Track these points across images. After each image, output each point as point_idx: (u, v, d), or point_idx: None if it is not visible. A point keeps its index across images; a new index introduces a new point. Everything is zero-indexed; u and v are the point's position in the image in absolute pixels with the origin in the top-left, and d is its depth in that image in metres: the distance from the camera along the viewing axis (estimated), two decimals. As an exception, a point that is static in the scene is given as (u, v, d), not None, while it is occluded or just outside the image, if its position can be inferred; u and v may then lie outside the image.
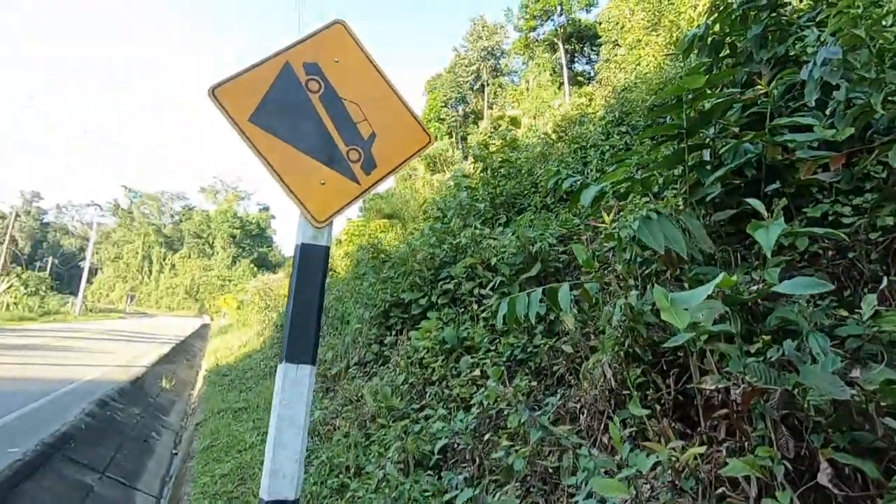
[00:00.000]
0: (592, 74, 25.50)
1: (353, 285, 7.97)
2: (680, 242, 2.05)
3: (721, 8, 3.16)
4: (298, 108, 1.86)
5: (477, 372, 3.65)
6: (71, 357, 11.46)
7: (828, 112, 2.38)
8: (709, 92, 2.44)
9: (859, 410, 1.34)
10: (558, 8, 25.45)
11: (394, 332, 5.45)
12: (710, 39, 3.26)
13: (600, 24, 21.00)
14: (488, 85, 32.95)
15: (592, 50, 26.66)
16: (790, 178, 2.39)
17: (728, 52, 3.29)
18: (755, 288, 1.87)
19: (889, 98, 2.17)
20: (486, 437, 2.57)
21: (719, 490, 1.53)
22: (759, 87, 2.52)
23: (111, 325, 27.80)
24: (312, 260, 1.76)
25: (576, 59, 28.46)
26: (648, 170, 2.91)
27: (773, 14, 3.04)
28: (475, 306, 4.56)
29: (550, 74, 27.56)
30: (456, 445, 2.75)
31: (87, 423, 5.64)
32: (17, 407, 6.13)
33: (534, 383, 2.84)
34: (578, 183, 2.99)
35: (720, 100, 2.41)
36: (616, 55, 18.29)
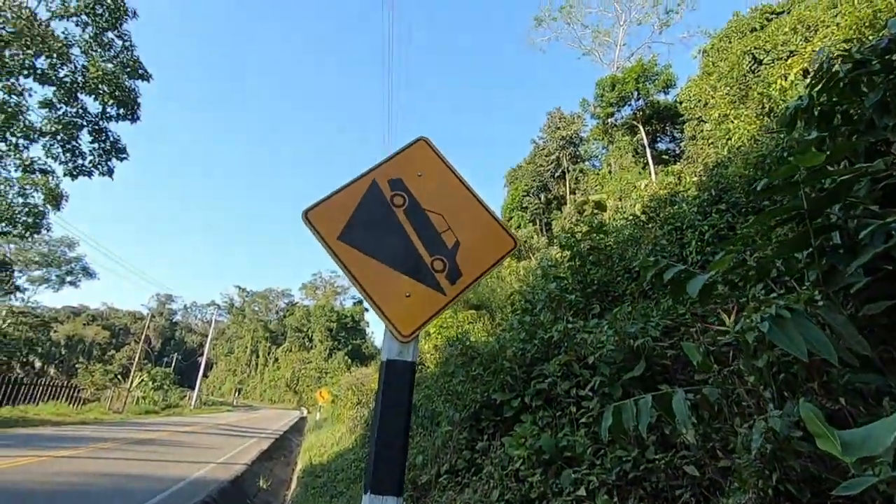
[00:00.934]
0: (677, 152, 24.89)
1: (441, 382, 7.75)
2: (826, 345, 1.69)
3: (825, 78, 2.91)
4: (384, 222, 1.89)
5: (582, 490, 3.21)
6: (181, 453, 12.11)
7: None
8: (830, 169, 2.16)
9: None
10: (635, 93, 25.77)
11: (486, 437, 5.09)
12: (816, 111, 2.99)
13: (681, 103, 20.80)
14: (569, 171, 33.31)
15: (675, 128, 26.25)
16: (959, 259, 1.96)
17: (840, 121, 2.98)
18: (946, 406, 1.46)
19: None
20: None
21: None
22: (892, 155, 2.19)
23: (220, 419, 29.51)
24: (398, 377, 1.67)
25: (658, 139, 28.07)
26: (764, 256, 2.57)
27: (891, 76, 2.74)
28: (573, 409, 4.16)
29: (633, 156, 27.35)
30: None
31: (189, 528, 5.73)
32: (132, 507, 6.45)
33: (654, 514, 2.39)
34: (680, 271, 2.71)
35: (847, 175, 2.11)
36: (702, 131, 17.79)
